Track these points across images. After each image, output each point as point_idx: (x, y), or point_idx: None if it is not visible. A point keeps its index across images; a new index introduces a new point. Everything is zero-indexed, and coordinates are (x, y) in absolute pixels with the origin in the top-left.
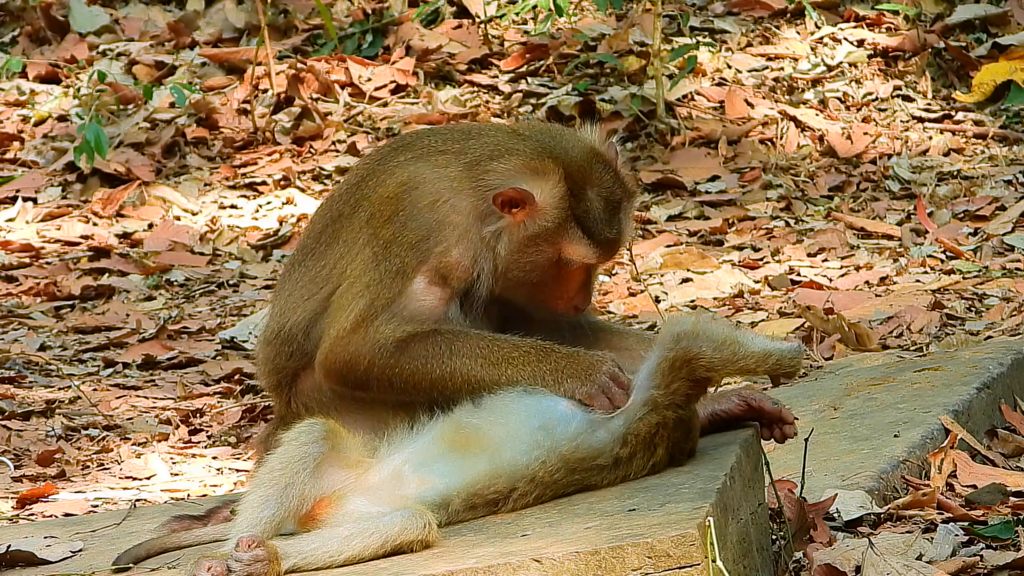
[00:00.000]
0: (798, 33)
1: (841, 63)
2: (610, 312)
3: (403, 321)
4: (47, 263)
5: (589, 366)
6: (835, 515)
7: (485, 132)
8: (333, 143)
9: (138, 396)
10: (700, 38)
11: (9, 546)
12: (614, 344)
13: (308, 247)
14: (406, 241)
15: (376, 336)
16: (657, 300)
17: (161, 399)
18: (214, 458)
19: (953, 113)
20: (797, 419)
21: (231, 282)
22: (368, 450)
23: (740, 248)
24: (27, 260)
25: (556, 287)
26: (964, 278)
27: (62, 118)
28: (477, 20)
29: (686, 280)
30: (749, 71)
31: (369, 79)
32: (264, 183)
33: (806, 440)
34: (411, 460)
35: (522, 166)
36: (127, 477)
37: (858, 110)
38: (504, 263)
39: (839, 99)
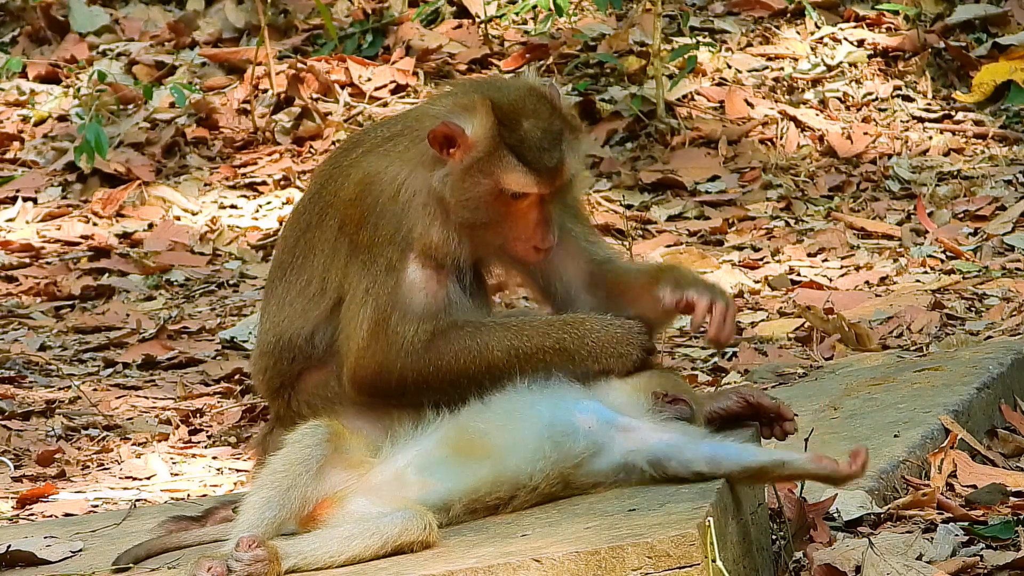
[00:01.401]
0: (798, 33)
1: (841, 63)
2: None
3: (417, 318)
4: (47, 263)
5: (623, 340)
6: (835, 515)
7: (422, 102)
8: (333, 143)
9: (138, 396)
10: (700, 38)
11: (9, 546)
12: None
13: (285, 262)
14: (384, 238)
15: (396, 338)
16: None
17: (161, 399)
18: (214, 458)
19: (953, 113)
20: (797, 415)
21: (231, 282)
22: (371, 450)
23: (740, 248)
24: (27, 260)
25: (511, 229)
26: (964, 278)
27: (62, 118)
28: (477, 20)
29: None
30: (749, 71)
31: (369, 79)
32: (264, 183)
33: (806, 440)
34: (414, 463)
35: (452, 105)
36: (127, 477)
37: (858, 110)
38: (452, 208)
39: (839, 99)
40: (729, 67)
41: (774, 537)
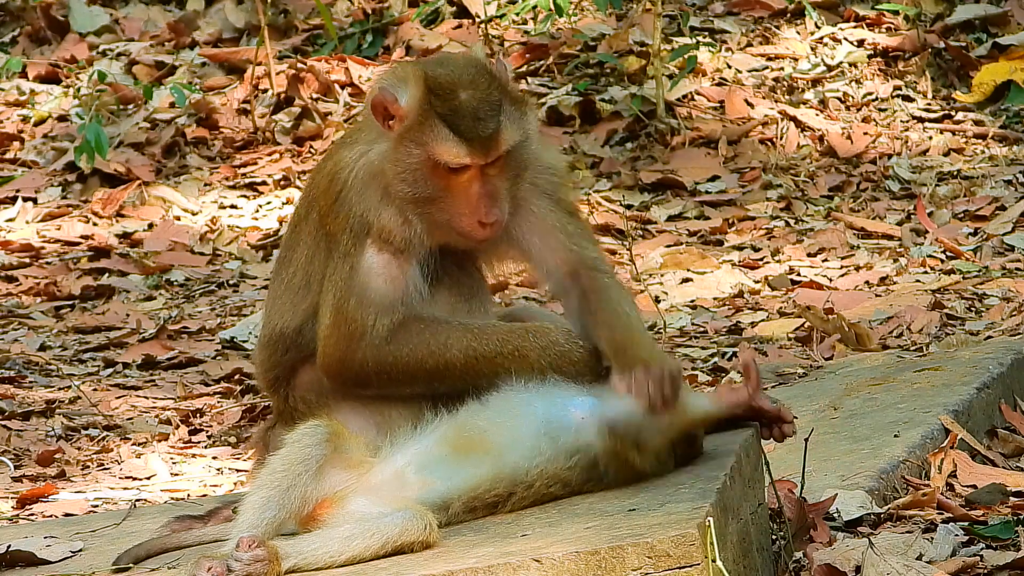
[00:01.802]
0: (798, 33)
1: (841, 63)
2: None
3: (376, 306)
4: (47, 263)
5: (581, 361)
6: (835, 515)
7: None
8: (333, 143)
9: (138, 396)
10: (700, 38)
11: (9, 546)
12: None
13: (281, 256)
14: (341, 225)
15: (356, 325)
16: (657, 300)
17: (161, 399)
18: (214, 458)
19: (953, 113)
20: (796, 417)
21: (231, 282)
22: (370, 450)
23: (740, 248)
24: (27, 260)
25: (454, 203)
26: (964, 278)
27: (62, 118)
28: (477, 20)
29: (686, 280)
30: (749, 71)
31: (369, 79)
32: (264, 183)
33: (806, 440)
34: (414, 462)
35: (390, 77)
36: (127, 477)
37: (858, 110)
38: (391, 182)
39: (839, 99)
40: (729, 67)
41: (774, 537)
